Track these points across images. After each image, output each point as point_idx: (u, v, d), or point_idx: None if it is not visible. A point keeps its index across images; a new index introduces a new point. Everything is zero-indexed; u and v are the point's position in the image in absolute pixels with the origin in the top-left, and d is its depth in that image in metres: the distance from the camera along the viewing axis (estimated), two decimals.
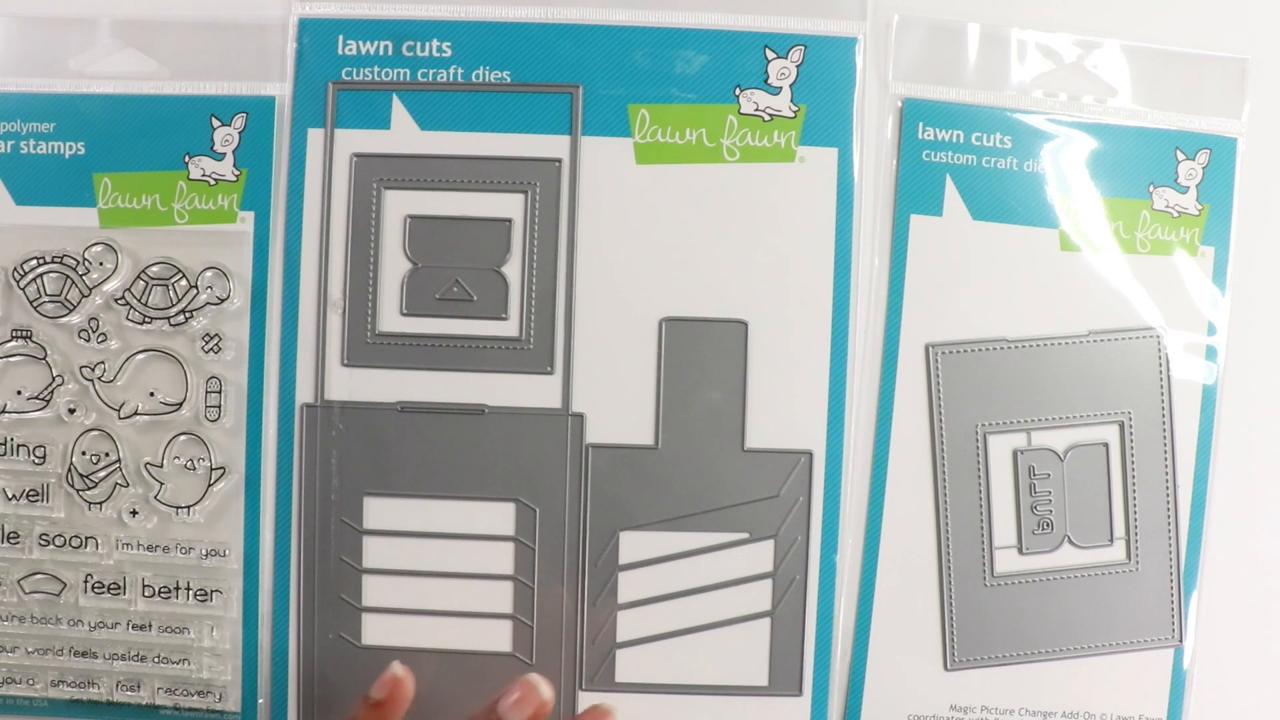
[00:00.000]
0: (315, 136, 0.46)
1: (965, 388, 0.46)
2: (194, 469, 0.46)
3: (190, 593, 0.46)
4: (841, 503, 0.46)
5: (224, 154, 0.46)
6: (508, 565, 0.46)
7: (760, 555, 0.46)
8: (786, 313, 0.46)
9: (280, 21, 0.46)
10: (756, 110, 0.46)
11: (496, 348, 0.46)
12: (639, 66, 0.46)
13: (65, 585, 0.47)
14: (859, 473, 0.46)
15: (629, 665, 0.46)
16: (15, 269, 0.46)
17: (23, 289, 0.46)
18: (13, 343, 0.46)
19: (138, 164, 0.46)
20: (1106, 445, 0.47)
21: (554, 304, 0.46)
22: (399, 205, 0.46)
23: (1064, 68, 0.47)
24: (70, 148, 0.46)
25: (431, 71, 0.46)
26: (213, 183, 0.46)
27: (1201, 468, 0.47)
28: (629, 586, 0.46)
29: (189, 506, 0.46)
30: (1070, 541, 0.47)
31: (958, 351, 0.46)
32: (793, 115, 0.46)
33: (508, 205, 0.46)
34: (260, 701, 0.47)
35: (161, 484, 0.46)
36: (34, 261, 0.46)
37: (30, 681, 0.47)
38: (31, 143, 0.46)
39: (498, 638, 0.46)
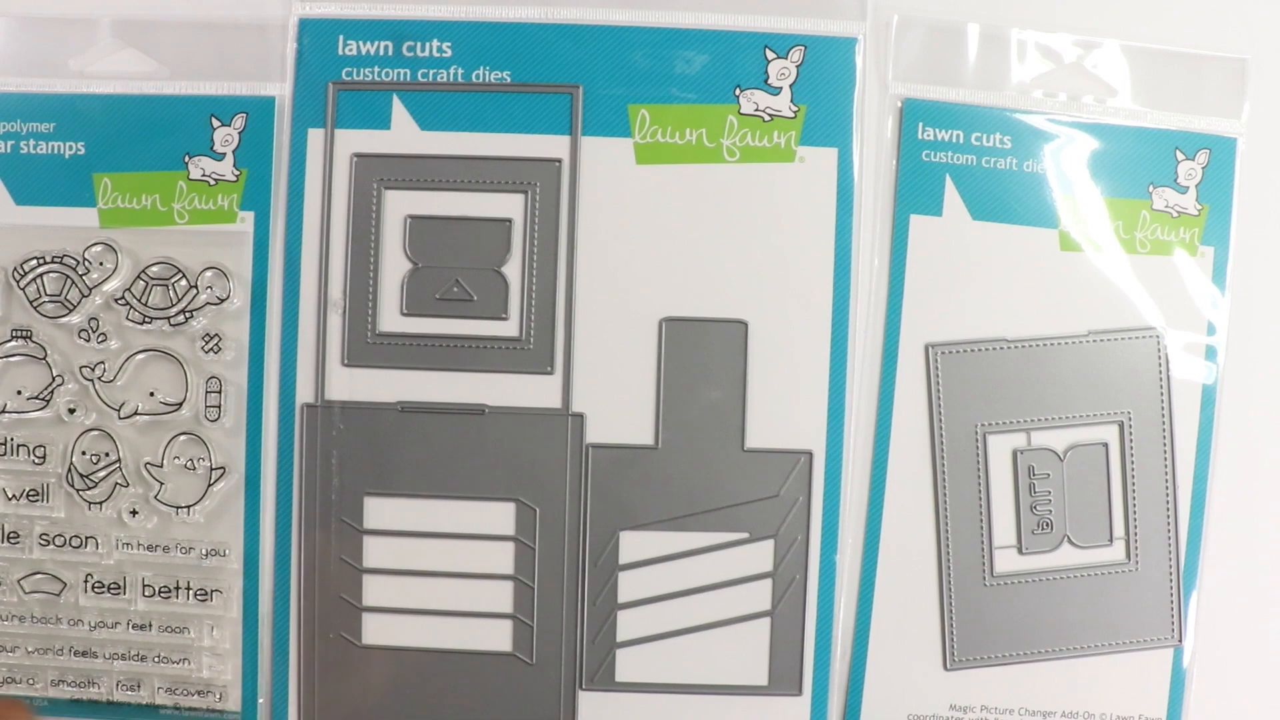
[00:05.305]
0: (315, 136, 0.46)
1: (965, 388, 0.46)
2: (194, 469, 0.46)
3: (190, 592, 0.46)
4: (841, 502, 0.46)
5: (224, 154, 0.46)
6: (508, 565, 0.46)
7: (760, 555, 0.46)
8: (786, 313, 0.46)
9: (280, 21, 0.46)
10: (756, 110, 0.46)
11: (496, 348, 0.46)
12: (639, 66, 0.46)
13: (65, 585, 0.47)
14: (859, 472, 0.46)
15: (629, 665, 0.46)
16: (15, 269, 0.46)
17: (23, 289, 0.46)
18: (13, 343, 0.46)
19: (138, 164, 0.46)
20: (1106, 445, 0.47)
21: (554, 304, 0.46)
22: (399, 205, 0.46)
23: (1064, 68, 0.47)
24: (70, 148, 0.46)
25: (431, 71, 0.46)
26: (213, 183, 0.46)
27: (1201, 468, 0.47)
28: (629, 586, 0.46)
29: (189, 506, 0.46)
30: (1070, 541, 0.47)
31: (958, 351, 0.46)
32: (793, 115, 0.46)
33: (508, 205, 0.46)
34: (260, 701, 0.47)
35: (161, 484, 0.46)
36: (34, 261, 0.46)
37: (30, 681, 0.47)
38: (31, 143, 0.46)
39: (498, 638, 0.46)
